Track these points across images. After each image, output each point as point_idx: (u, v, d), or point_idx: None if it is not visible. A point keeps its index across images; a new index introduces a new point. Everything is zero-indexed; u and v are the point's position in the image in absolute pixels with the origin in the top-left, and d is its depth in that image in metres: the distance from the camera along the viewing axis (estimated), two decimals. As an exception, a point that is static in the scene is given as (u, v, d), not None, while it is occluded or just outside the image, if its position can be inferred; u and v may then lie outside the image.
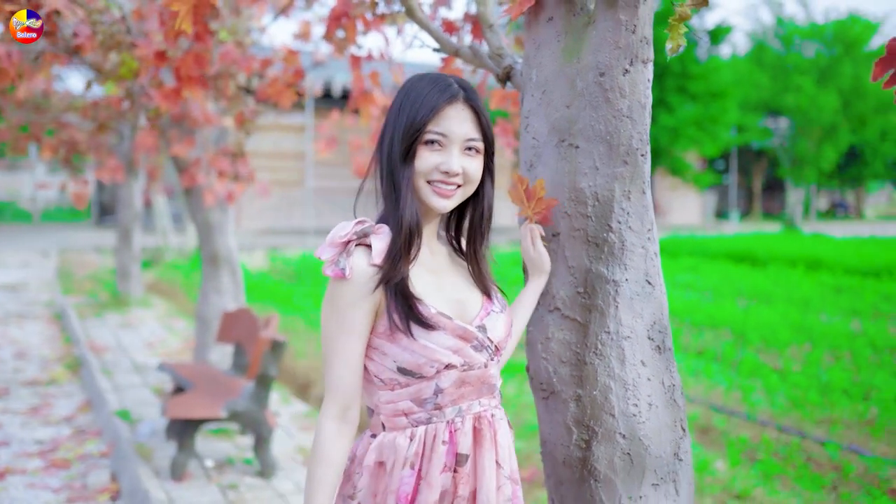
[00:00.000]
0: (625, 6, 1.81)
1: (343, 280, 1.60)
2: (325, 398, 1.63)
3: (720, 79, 22.67)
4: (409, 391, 1.65)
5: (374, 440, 1.69)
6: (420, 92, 1.65)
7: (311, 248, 17.52)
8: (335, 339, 1.61)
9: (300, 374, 6.82)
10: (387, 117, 1.70)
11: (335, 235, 1.61)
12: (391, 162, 1.67)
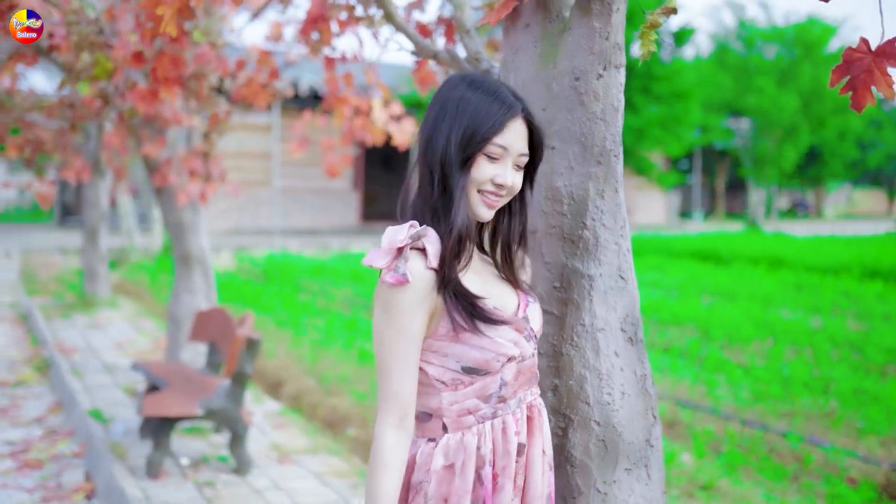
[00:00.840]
0: (599, 14, 1.91)
1: (403, 286, 1.58)
2: (383, 407, 1.61)
3: (684, 80, 22.98)
4: (474, 388, 1.66)
5: (438, 444, 1.67)
6: (481, 102, 1.64)
7: (279, 248, 17.49)
8: (394, 346, 1.60)
9: (271, 374, 6.85)
10: (432, 121, 1.67)
11: (392, 241, 1.59)
12: (445, 167, 1.63)
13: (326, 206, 22.35)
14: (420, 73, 3.98)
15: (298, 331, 8.55)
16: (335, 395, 6.15)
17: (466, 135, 1.62)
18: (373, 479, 1.58)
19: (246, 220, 21.10)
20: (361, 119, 5.20)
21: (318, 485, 4.34)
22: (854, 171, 40.23)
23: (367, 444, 5.16)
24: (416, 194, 1.69)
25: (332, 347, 7.74)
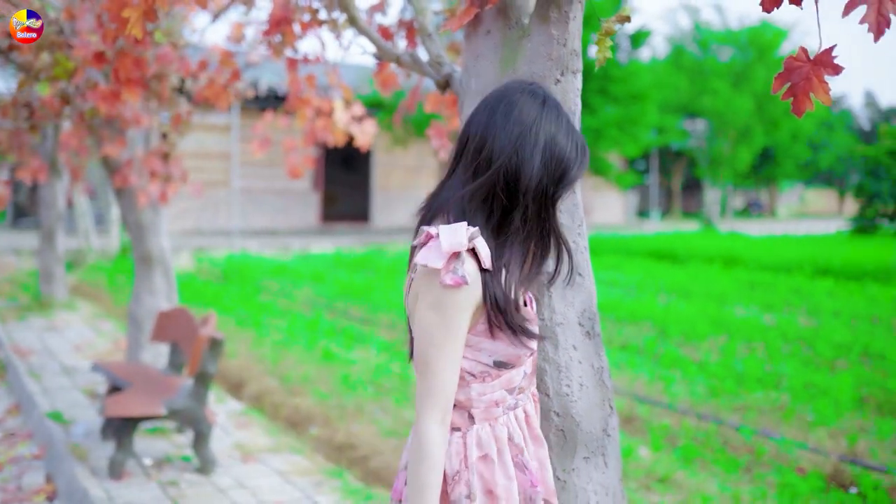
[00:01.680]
0: (556, 22, 1.99)
1: (461, 287, 1.59)
2: (427, 404, 1.61)
3: (640, 81, 23.28)
4: (501, 381, 1.70)
5: (468, 435, 1.70)
6: (569, 147, 1.68)
7: (238, 248, 17.40)
8: (444, 345, 1.61)
9: (233, 374, 6.85)
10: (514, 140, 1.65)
11: (453, 242, 1.58)
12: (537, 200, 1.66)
13: (286, 207, 22.27)
14: (382, 75, 4.04)
15: (260, 331, 8.54)
16: (298, 395, 6.18)
17: (556, 176, 1.66)
18: (421, 476, 1.59)
19: (205, 221, 20.94)
20: (323, 120, 5.24)
21: (282, 483, 4.38)
22: (806, 171, 41.07)
23: (331, 443, 5.21)
24: (466, 195, 1.67)
25: (294, 347, 7.76)
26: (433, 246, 1.60)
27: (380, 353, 7.72)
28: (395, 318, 9.70)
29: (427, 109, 3.66)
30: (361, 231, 23.33)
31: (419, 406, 1.62)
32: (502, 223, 1.66)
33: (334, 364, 7.11)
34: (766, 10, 1.66)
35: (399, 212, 24.47)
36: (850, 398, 6.09)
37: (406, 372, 6.85)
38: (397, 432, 5.29)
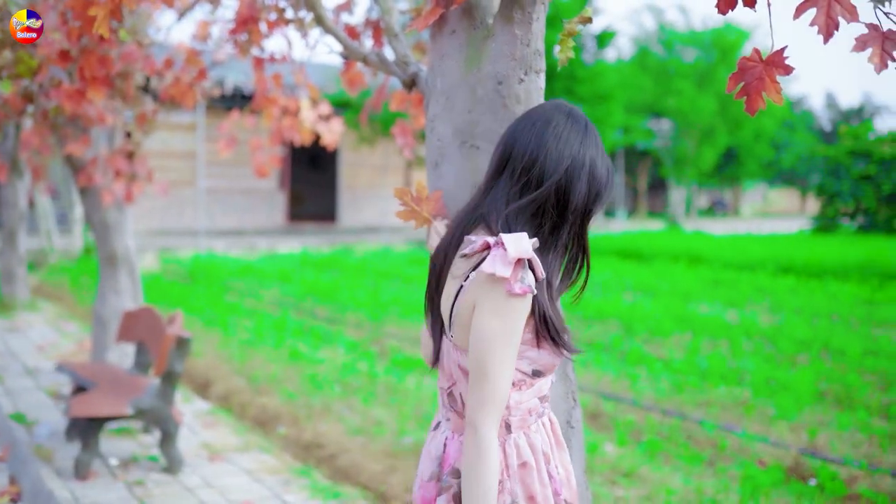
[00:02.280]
0: (520, 23, 2.03)
1: (525, 296, 1.62)
2: (485, 411, 1.61)
3: (606, 82, 23.47)
4: (533, 390, 1.75)
5: (507, 444, 1.73)
6: (606, 174, 1.77)
7: (204, 248, 17.28)
8: (503, 353, 1.62)
9: (199, 374, 6.83)
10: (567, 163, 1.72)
11: (520, 251, 1.60)
12: (578, 216, 1.75)
13: (252, 207, 22.15)
14: (348, 74, 4.06)
15: (227, 331, 8.51)
16: (265, 395, 6.18)
17: (594, 196, 1.75)
18: (483, 484, 1.60)
19: (170, 221, 20.76)
20: (290, 119, 5.25)
21: (250, 481, 4.38)
22: (769, 170, 41.64)
23: (299, 442, 5.21)
24: (515, 210, 1.71)
25: (262, 347, 7.74)
26: (498, 255, 1.61)
27: (347, 352, 7.73)
28: (361, 317, 9.71)
29: (393, 108, 3.69)
30: (328, 230, 23.27)
31: (476, 413, 1.62)
32: (548, 238, 1.72)
33: (301, 363, 7.11)
34: (721, 11, 1.72)
35: (366, 211, 24.43)
36: (810, 393, 6.22)
37: (374, 371, 6.87)
38: (364, 431, 5.31)
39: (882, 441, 5.17)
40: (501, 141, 1.79)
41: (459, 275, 1.71)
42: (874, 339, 8.33)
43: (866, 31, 1.67)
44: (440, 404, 1.84)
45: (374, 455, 4.90)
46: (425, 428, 5.36)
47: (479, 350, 1.62)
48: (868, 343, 8.06)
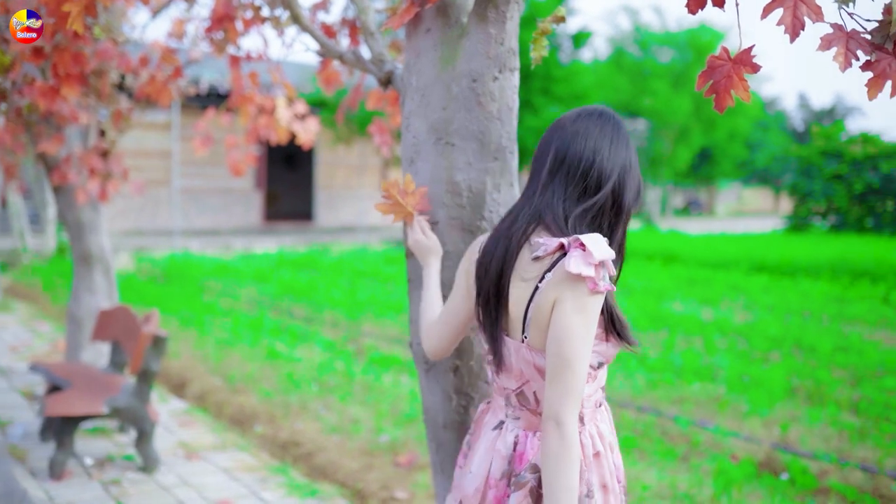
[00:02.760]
0: (494, 22, 2.05)
1: (603, 294, 1.69)
2: (569, 403, 1.65)
3: (582, 82, 23.56)
4: (597, 381, 1.83)
5: (583, 435, 1.80)
6: (639, 173, 1.88)
7: (180, 248, 17.17)
8: (584, 348, 1.67)
9: (175, 374, 6.80)
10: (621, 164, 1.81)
11: (601, 252, 1.67)
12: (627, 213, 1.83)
13: (228, 206, 22.03)
14: (325, 72, 4.07)
15: (203, 331, 8.47)
16: (242, 394, 6.16)
17: (636, 196, 1.85)
18: (569, 476, 1.63)
19: (145, 221, 20.61)
20: (266, 118, 5.24)
21: (227, 480, 4.38)
22: (743, 170, 42.04)
23: (276, 441, 5.21)
24: (578, 213, 1.78)
25: (238, 346, 7.72)
26: (580, 255, 1.66)
27: (324, 351, 7.73)
28: (338, 316, 9.71)
29: (369, 107, 3.71)
30: (304, 230, 23.21)
31: (560, 407, 1.65)
32: (606, 237, 1.79)
33: (278, 362, 7.10)
34: (691, 11, 1.75)
35: (342, 210, 24.38)
36: (782, 388, 6.30)
37: (351, 369, 6.87)
38: (341, 429, 5.32)
39: (851, 435, 5.26)
40: (548, 146, 1.83)
41: (532, 277, 1.74)
42: (844, 335, 8.45)
43: (831, 31, 1.71)
44: (502, 404, 1.87)
45: (351, 453, 4.91)
46: (402, 426, 5.38)
47: (563, 346, 1.66)
48: (838, 339, 8.17)
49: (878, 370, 6.96)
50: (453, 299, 1.96)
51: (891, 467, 4.71)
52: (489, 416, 1.91)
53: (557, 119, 1.87)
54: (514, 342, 1.78)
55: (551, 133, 1.84)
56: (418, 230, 2.14)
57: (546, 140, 1.84)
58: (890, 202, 23.35)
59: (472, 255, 1.93)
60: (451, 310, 1.96)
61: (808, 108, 48.31)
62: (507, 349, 1.80)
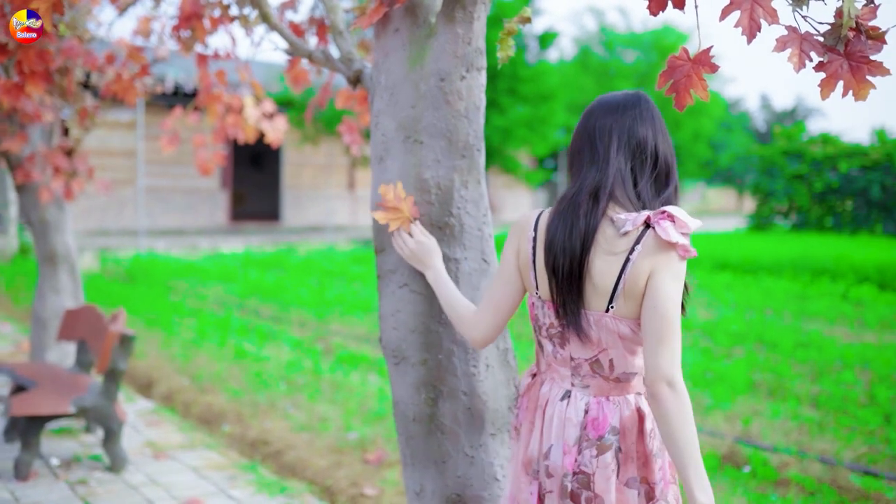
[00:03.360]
0: (462, 22, 2.10)
1: (689, 258, 1.83)
2: (676, 363, 1.76)
3: (548, 82, 23.71)
4: None
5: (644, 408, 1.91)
6: None
7: (145, 248, 17.01)
8: (679, 311, 1.81)
9: (142, 374, 6.76)
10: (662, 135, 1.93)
11: (690, 223, 1.81)
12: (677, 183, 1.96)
13: (194, 206, 21.85)
14: (293, 71, 4.09)
15: (169, 330, 8.42)
16: (209, 393, 6.15)
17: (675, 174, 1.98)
18: (690, 426, 1.74)
19: (109, 221, 20.38)
20: (233, 116, 5.24)
21: (196, 478, 4.38)
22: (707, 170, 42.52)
23: (244, 440, 5.22)
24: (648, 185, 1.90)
25: (206, 346, 7.69)
26: (669, 226, 1.79)
27: (292, 350, 7.73)
28: (306, 315, 9.70)
29: (338, 106, 3.73)
30: (271, 230, 23.09)
31: (671, 367, 1.75)
32: None
33: (246, 362, 7.09)
34: (652, 13, 1.81)
35: (310, 210, 24.29)
36: (744, 383, 6.42)
37: (319, 368, 6.88)
38: (310, 427, 5.34)
39: (811, 429, 5.38)
40: (606, 128, 1.91)
41: (621, 251, 1.82)
42: (805, 331, 8.62)
43: (786, 33, 1.78)
44: (567, 375, 1.92)
45: (320, 451, 4.93)
46: (370, 423, 5.40)
47: (666, 311, 1.77)
48: (799, 336, 8.34)
49: (836, 365, 7.12)
50: (504, 284, 1.98)
51: (849, 459, 4.83)
52: (547, 387, 1.96)
53: (604, 103, 1.95)
54: (595, 313, 1.85)
55: (605, 117, 1.92)
56: (418, 233, 2.18)
57: (597, 123, 1.92)
58: (849, 202, 23.78)
59: (525, 234, 1.95)
60: (503, 294, 1.99)
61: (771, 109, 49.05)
62: (587, 321, 1.86)
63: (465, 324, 2.01)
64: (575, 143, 1.95)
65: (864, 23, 1.74)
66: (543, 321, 1.95)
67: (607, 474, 1.84)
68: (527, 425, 1.98)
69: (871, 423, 5.39)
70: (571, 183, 1.93)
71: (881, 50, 1.77)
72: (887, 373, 6.72)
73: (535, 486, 1.91)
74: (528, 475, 1.94)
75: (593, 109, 1.94)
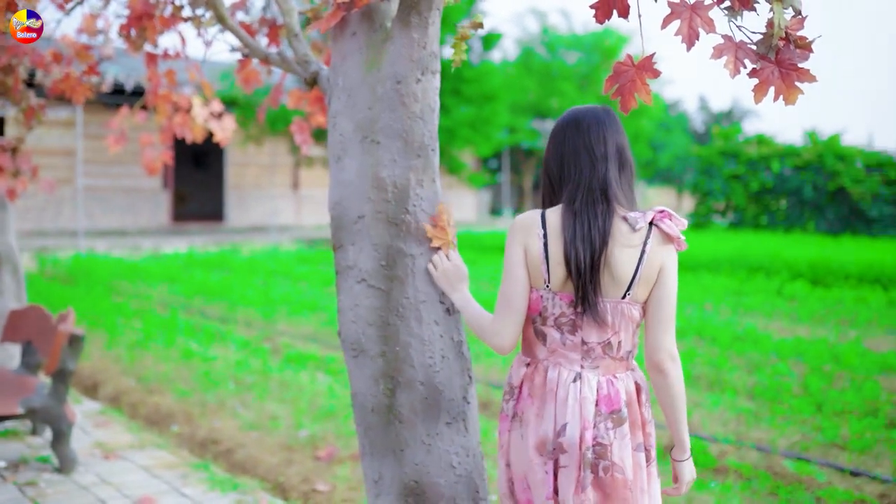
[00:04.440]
0: (417, 27, 2.18)
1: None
2: (674, 342, 2.09)
3: (492, 82, 23.91)
4: None
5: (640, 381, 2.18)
6: None
7: (84, 249, 16.71)
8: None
9: (86, 375, 6.70)
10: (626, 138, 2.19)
11: (683, 221, 2.14)
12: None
13: (134, 206, 21.51)
14: (244, 71, 4.12)
15: (113, 332, 8.33)
16: (157, 394, 6.12)
17: None
18: (683, 391, 2.12)
19: (47, 221, 19.95)
20: (181, 116, 5.23)
21: (148, 477, 4.38)
22: (647, 170, 43.29)
23: (194, 439, 5.22)
24: (630, 188, 2.16)
25: (152, 347, 7.63)
26: (671, 223, 2.11)
27: (239, 349, 7.72)
28: (253, 315, 9.67)
29: (290, 106, 3.78)
30: (215, 230, 22.86)
31: (673, 344, 2.09)
32: None
33: (193, 362, 7.06)
34: (598, 21, 1.91)
35: (253, 210, 24.10)
36: (685, 376, 6.61)
37: (268, 367, 6.89)
38: (260, 425, 5.36)
39: (748, 418, 5.60)
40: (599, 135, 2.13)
41: (637, 244, 2.07)
42: (742, 326, 8.90)
43: (723, 41, 1.90)
44: (576, 359, 2.10)
45: (271, 448, 4.96)
46: (321, 421, 5.44)
47: (673, 297, 2.09)
48: (736, 330, 8.61)
49: (772, 358, 7.38)
50: (515, 284, 2.11)
51: (783, 447, 5.05)
52: (555, 372, 2.11)
53: (590, 115, 2.15)
54: (611, 300, 2.08)
55: (597, 127, 2.13)
56: (456, 257, 2.32)
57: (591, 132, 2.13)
58: (783, 201, 24.48)
59: (534, 232, 2.10)
60: (515, 294, 2.11)
61: (708, 111, 50.10)
62: (604, 307, 2.07)
63: (487, 335, 2.14)
64: (565, 149, 2.13)
65: (792, 33, 1.87)
66: (552, 312, 2.10)
67: (624, 444, 2.06)
68: (533, 410, 2.11)
69: (805, 413, 5.62)
70: (566, 184, 2.12)
71: (808, 58, 1.90)
72: (819, 365, 7.00)
73: (551, 464, 2.06)
74: (542, 456, 2.08)
75: (580, 120, 2.14)
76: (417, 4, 2.17)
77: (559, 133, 2.15)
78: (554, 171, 2.14)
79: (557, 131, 2.16)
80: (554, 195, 2.16)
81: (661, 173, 46.81)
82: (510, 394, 2.18)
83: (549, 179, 2.17)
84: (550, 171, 2.16)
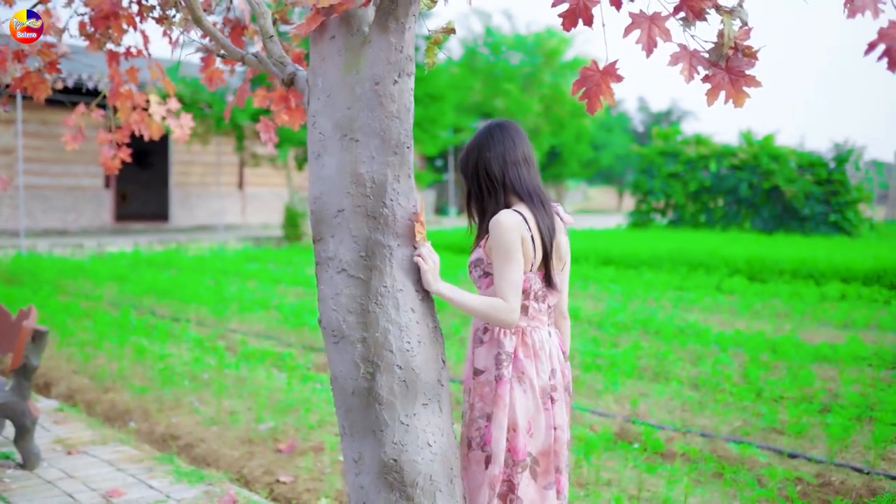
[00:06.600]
0: (395, 31, 2.32)
1: None
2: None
3: (437, 83, 24.09)
4: None
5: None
6: None
7: (25, 249, 16.41)
8: None
9: (38, 374, 6.67)
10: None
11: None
12: None
13: (76, 206, 21.13)
14: (208, 70, 4.20)
15: (63, 331, 8.26)
16: (112, 391, 6.14)
17: None
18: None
19: (-16, 221, 19.50)
20: (139, 114, 5.27)
21: (113, 471, 4.43)
22: (589, 169, 43.98)
23: (152, 435, 5.28)
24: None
25: (104, 346, 7.60)
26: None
27: (193, 347, 7.74)
28: (205, 314, 9.67)
29: (255, 105, 3.88)
30: (159, 230, 22.59)
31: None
32: None
33: (148, 360, 7.07)
34: (566, 28, 2.08)
35: (199, 209, 23.86)
36: (631, 368, 6.87)
37: (224, 364, 6.94)
38: (219, 420, 5.43)
39: (692, 407, 5.86)
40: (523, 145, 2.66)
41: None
42: (684, 320, 9.22)
43: (678, 49, 2.09)
44: (545, 320, 2.68)
45: (231, 443, 5.04)
46: (281, 415, 5.54)
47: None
48: (679, 324, 8.92)
49: (713, 349, 7.69)
50: (520, 271, 2.51)
51: (726, 432, 5.31)
52: (539, 333, 2.64)
53: (519, 129, 2.69)
54: (557, 273, 2.68)
55: (524, 139, 2.68)
56: (433, 258, 2.53)
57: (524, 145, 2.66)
58: (720, 199, 25.17)
59: (523, 227, 2.53)
60: (520, 278, 2.51)
61: (648, 111, 51.07)
62: (562, 278, 2.71)
63: (504, 313, 2.47)
64: (508, 157, 2.61)
65: (740, 42, 2.07)
66: (535, 287, 2.61)
67: (568, 369, 2.76)
68: (533, 367, 2.59)
69: (745, 400, 5.90)
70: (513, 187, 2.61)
71: (754, 65, 2.10)
72: (757, 355, 7.32)
73: (549, 402, 2.61)
74: (543, 398, 2.60)
75: (513, 134, 2.66)
76: (395, 10, 2.31)
77: (498, 143, 2.61)
78: (497, 176, 2.60)
79: (495, 141, 2.61)
80: (496, 196, 2.61)
81: (602, 173, 47.58)
82: (507, 360, 2.57)
83: (492, 182, 2.61)
84: (493, 175, 2.60)
